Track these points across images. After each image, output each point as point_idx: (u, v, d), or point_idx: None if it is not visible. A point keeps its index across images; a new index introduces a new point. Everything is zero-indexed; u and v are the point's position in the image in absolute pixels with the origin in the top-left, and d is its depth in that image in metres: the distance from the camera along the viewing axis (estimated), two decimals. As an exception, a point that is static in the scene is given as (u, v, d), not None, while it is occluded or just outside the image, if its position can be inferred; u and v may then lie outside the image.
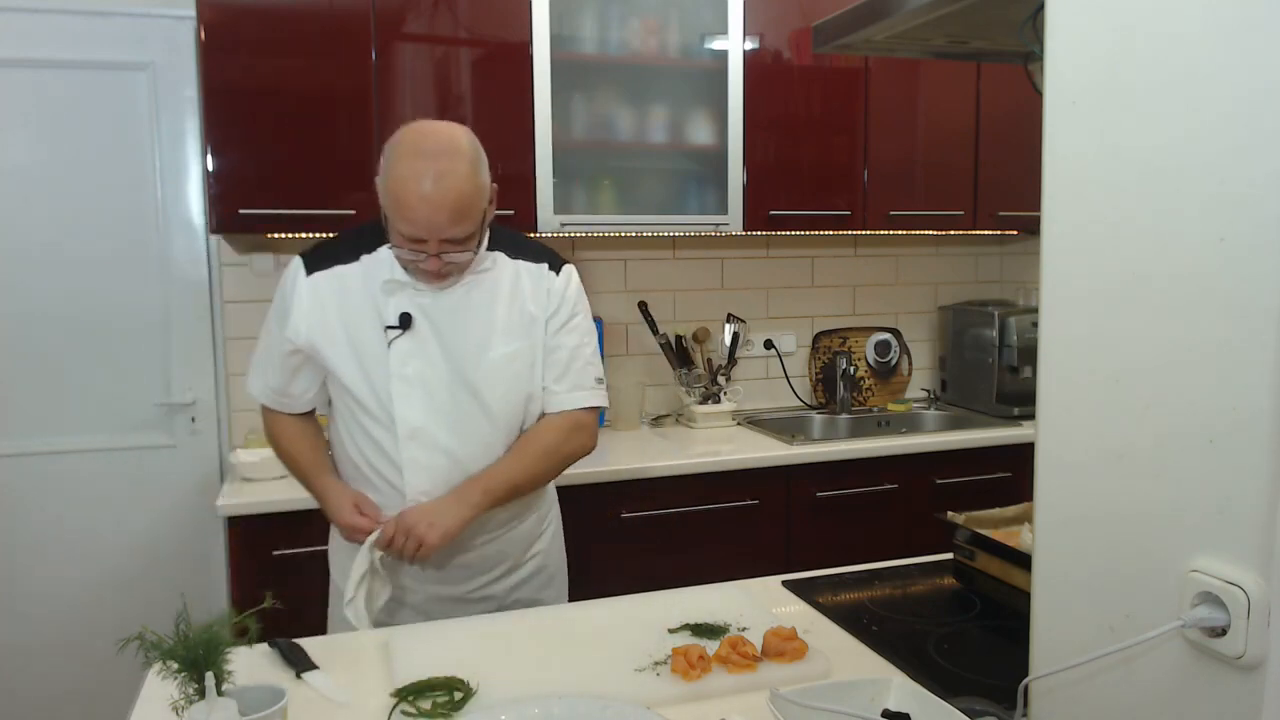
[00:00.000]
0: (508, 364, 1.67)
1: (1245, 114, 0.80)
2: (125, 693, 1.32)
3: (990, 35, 1.46)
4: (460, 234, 1.54)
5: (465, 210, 1.52)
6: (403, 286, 1.63)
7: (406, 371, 1.63)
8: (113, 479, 2.78)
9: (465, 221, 1.53)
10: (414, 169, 1.50)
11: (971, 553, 1.63)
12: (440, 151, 1.52)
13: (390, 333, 1.63)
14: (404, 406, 1.63)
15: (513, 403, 1.69)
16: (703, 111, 2.89)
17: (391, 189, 1.52)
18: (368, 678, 1.33)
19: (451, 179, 1.50)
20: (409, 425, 1.64)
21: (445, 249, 1.55)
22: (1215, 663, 0.85)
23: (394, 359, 1.63)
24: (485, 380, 1.66)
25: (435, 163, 1.50)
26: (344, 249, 1.68)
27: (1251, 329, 0.80)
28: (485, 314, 1.67)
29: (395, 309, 1.63)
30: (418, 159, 1.51)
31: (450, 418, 1.65)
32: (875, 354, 3.46)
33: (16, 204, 2.65)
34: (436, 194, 1.49)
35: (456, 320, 1.65)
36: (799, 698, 1.06)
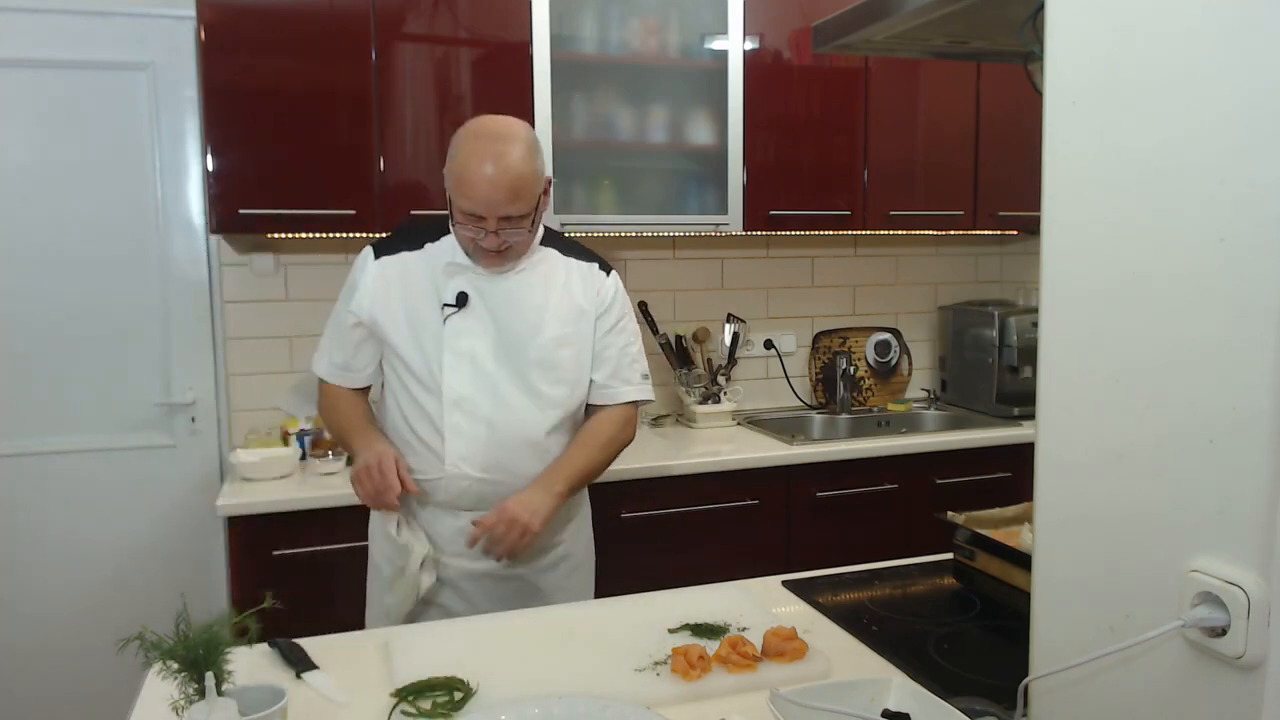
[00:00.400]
0: (557, 347, 1.79)
1: (1245, 114, 0.80)
2: (125, 693, 1.32)
3: (990, 35, 1.46)
4: (516, 212, 1.67)
5: (521, 189, 1.66)
6: (463, 269, 1.77)
7: (459, 345, 1.76)
8: (113, 479, 2.78)
9: (521, 200, 1.67)
10: (476, 150, 1.66)
11: (971, 553, 1.63)
12: (499, 136, 1.68)
13: (447, 309, 1.76)
14: (452, 376, 1.76)
15: (556, 384, 1.80)
16: (703, 111, 2.89)
17: (455, 170, 1.68)
18: (368, 678, 1.33)
19: (508, 160, 1.65)
20: (454, 394, 1.76)
21: (503, 226, 1.68)
22: (1215, 663, 0.85)
23: (448, 333, 1.76)
24: (534, 361, 1.78)
25: (494, 145, 1.66)
26: (411, 237, 1.83)
27: (1251, 329, 0.80)
28: (538, 300, 1.79)
29: (454, 289, 1.77)
30: (479, 141, 1.67)
31: (494, 391, 1.76)
32: (875, 354, 3.46)
33: (16, 204, 2.65)
34: (495, 173, 1.64)
35: (511, 303, 1.78)
36: (799, 698, 1.06)
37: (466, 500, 1.80)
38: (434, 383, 1.77)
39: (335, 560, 2.30)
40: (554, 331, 1.79)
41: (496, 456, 1.78)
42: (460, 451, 1.77)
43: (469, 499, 1.80)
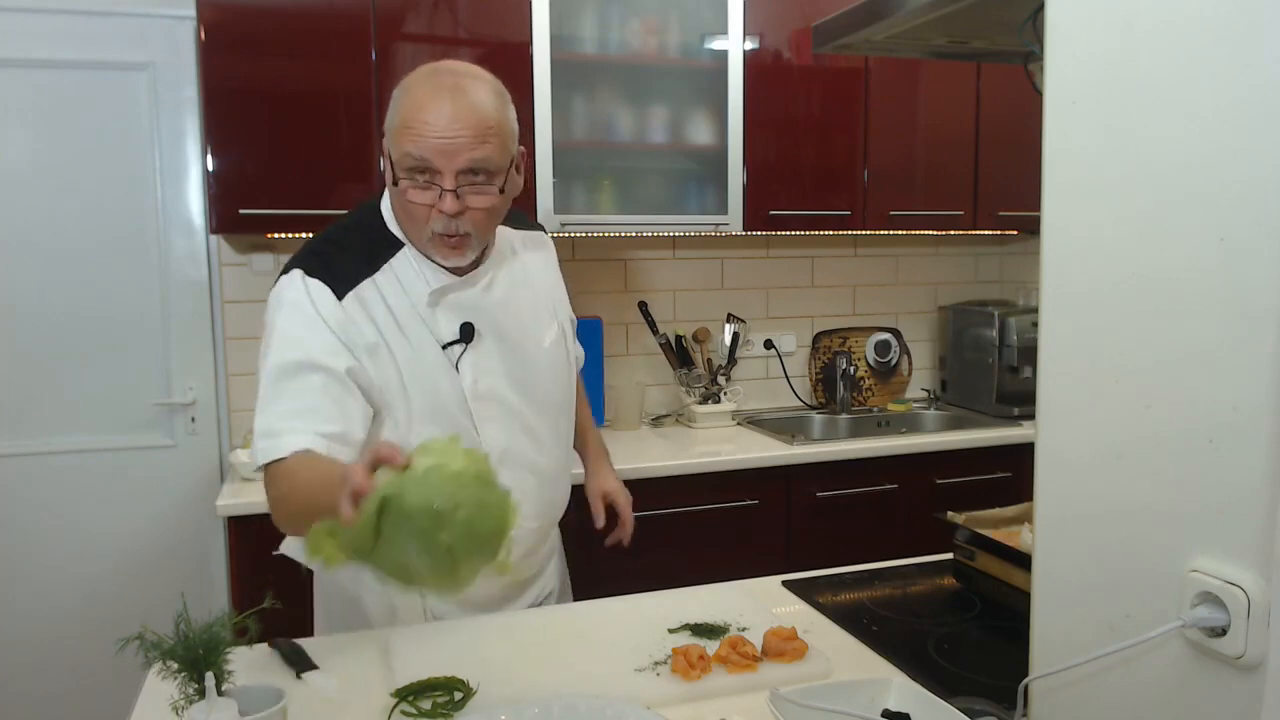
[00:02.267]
0: (556, 349, 1.57)
1: (1245, 113, 0.80)
2: (125, 693, 1.32)
3: (990, 35, 1.46)
4: (483, 160, 1.31)
5: (488, 132, 1.30)
6: (446, 291, 1.42)
7: (480, 389, 1.44)
8: (113, 479, 2.78)
9: (488, 145, 1.31)
10: (431, 85, 1.31)
11: (971, 553, 1.63)
12: (460, 71, 1.34)
13: (453, 349, 1.42)
14: (489, 429, 1.45)
15: (566, 387, 1.60)
16: (703, 111, 2.89)
17: (402, 115, 1.30)
18: (368, 678, 1.33)
19: (474, 95, 1.31)
20: (498, 449, 1.45)
21: (464, 184, 1.31)
22: (1215, 663, 0.85)
23: (465, 379, 1.43)
24: (545, 372, 1.54)
25: (454, 79, 1.32)
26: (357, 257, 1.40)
27: (1251, 329, 0.80)
28: (525, 297, 1.53)
29: (448, 321, 1.42)
30: (435, 76, 1.32)
31: (528, 430, 1.51)
32: (875, 354, 3.46)
33: (16, 204, 2.65)
34: (453, 105, 1.28)
35: (506, 316, 1.48)
36: (799, 698, 1.06)
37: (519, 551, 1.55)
38: (469, 440, 1.41)
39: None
40: (550, 333, 1.56)
41: (549, 496, 1.59)
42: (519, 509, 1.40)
43: (522, 549, 1.56)
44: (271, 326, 1.36)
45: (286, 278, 1.39)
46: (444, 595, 1.20)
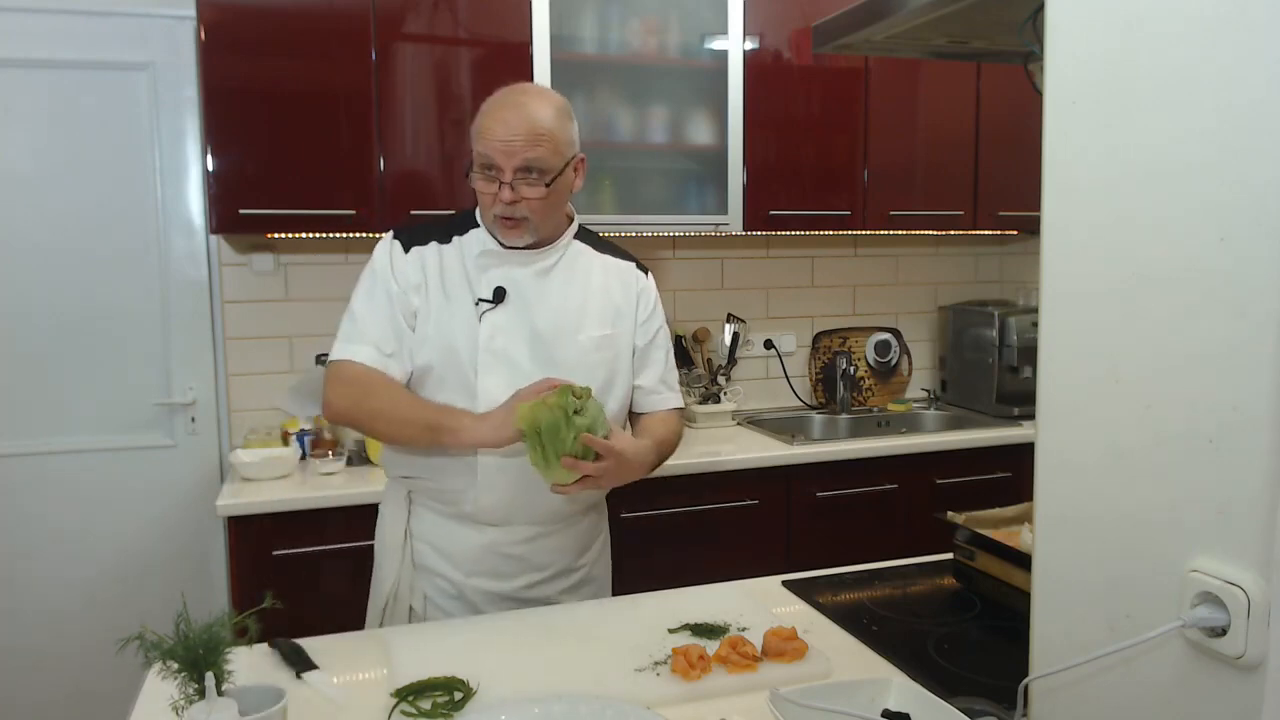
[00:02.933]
0: (597, 348, 1.69)
1: (1245, 114, 0.80)
2: (125, 693, 1.32)
3: (990, 35, 1.46)
4: (534, 160, 1.58)
5: (540, 138, 1.58)
6: (498, 260, 1.67)
7: (495, 344, 1.64)
8: (113, 479, 2.78)
9: (540, 147, 1.58)
10: (503, 99, 1.62)
11: (971, 553, 1.63)
12: (529, 90, 1.66)
13: (482, 305, 1.65)
14: (487, 379, 1.63)
15: (597, 386, 1.65)
16: (703, 111, 2.89)
17: (480, 120, 1.62)
18: (368, 678, 1.33)
19: (533, 107, 1.59)
20: (490, 399, 1.61)
21: (518, 179, 1.58)
22: (1215, 663, 0.85)
23: (483, 332, 1.64)
24: (573, 362, 1.66)
25: (522, 95, 1.62)
26: (437, 230, 1.73)
27: (1252, 329, 0.80)
28: (577, 297, 1.70)
29: (489, 283, 1.66)
30: (509, 94, 1.63)
31: None
32: (875, 354, 3.46)
33: (17, 204, 2.65)
34: (516, 117, 1.58)
35: (549, 299, 1.68)
36: (799, 698, 1.06)
37: (495, 515, 1.67)
38: (466, 387, 1.63)
39: (335, 560, 2.30)
40: (593, 331, 1.69)
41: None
42: (494, 462, 1.63)
43: (498, 514, 1.67)
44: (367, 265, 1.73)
45: (384, 238, 1.73)
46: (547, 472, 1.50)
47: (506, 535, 1.68)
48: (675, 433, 1.79)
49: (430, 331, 1.66)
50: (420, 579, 1.73)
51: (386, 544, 1.76)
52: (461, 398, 1.63)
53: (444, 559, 1.71)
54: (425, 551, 1.73)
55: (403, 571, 1.73)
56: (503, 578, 1.70)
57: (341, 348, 1.67)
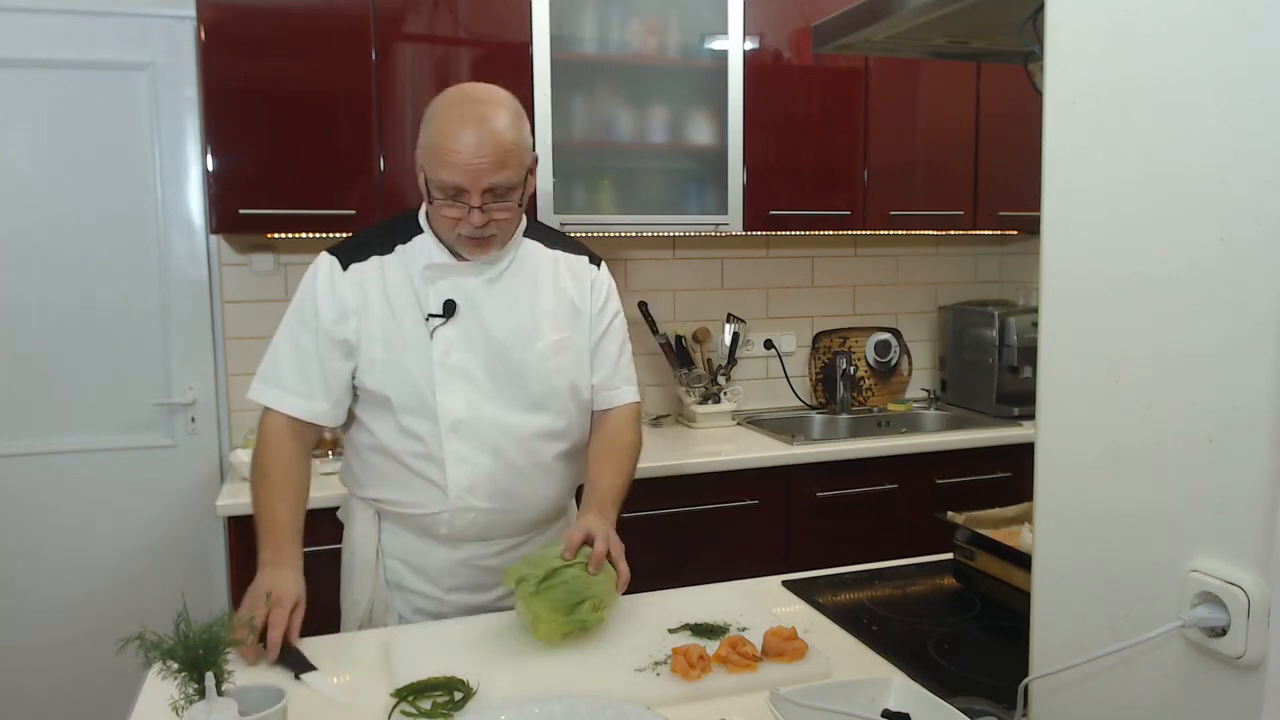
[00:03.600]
0: (555, 353, 1.64)
1: (1246, 114, 0.80)
2: (125, 693, 1.32)
3: (990, 35, 1.46)
4: (503, 182, 1.51)
5: (507, 156, 1.50)
6: (445, 272, 1.59)
7: (450, 361, 1.58)
8: (113, 479, 2.78)
9: (507, 167, 1.50)
10: (457, 115, 1.50)
11: (971, 553, 1.63)
12: (482, 100, 1.53)
13: (433, 321, 1.58)
14: (447, 398, 1.57)
15: (559, 392, 1.65)
16: (703, 111, 2.89)
17: (433, 140, 1.50)
18: (368, 678, 1.33)
19: (494, 123, 1.49)
20: (452, 417, 1.57)
21: (488, 202, 1.51)
22: (1215, 663, 0.85)
23: (436, 348, 1.57)
24: (533, 369, 1.61)
25: (478, 108, 1.50)
26: (377, 241, 1.63)
27: (1252, 329, 0.80)
28: (531, 301, 1.64)
29: (437, 296, 1.59)
30: (460, 106, 1.51)
31: (495, 410, 1.60)
32: (875, 354, 3.46)
33: (16, 204, 2.65)
34: (478, 138, 1.47)
35: (502, 307, 1.61)
36: (799, 698, 1.06)
37: (471, 532, 1.64)
38: (425, 408, 1.57)
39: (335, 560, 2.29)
40: (551, 336, 1.64)
41: (505, 483, 1.61)
42: (464, 481, 1.59)
43: (474, 531, 1.64)
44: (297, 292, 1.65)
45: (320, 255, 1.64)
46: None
47: (483, 549, 1.66)
48: (634, 427, 1.75)
49: (379, 354, 1.58)
50: (395, 597, 1.69)
51: (357, 564, 1.70)
52: (422, 419, 1.58)
53: (419, 576, 1.67)
54: (399, 569, 1.69)
55: (377, 591, 1.69)
56: (482, 590, 1.68)
57: (263, 390, 1.61)
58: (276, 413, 1.60)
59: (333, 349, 1.58)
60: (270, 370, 1.62)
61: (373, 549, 1.69)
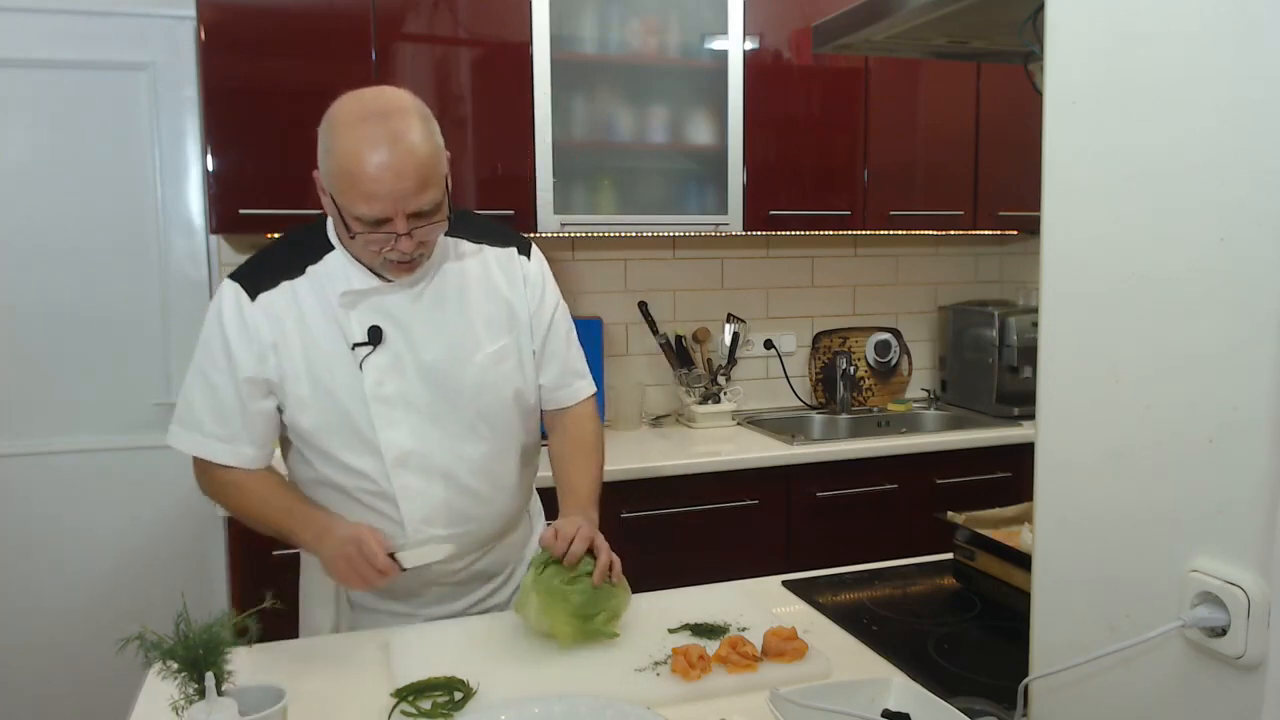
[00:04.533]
0: (496, 364, 1.53)
1: (1245, 114, 0.80)
2: (125, 693, 1.32)
3: (990, 35, 1.46)
4: (429, 203, 1.36)
5: (430, 174, 1.34)
6: (364, 296, 1.45)
7: (385, 391, 1.46)
8: (113, 479, 2.78)
9: (432, 188, 1.35)
10: (364, 136, 1.32)
11: (971, 553, 1.63)
12: (388, 112, 1.34)
13: (359, 350, 1.45)
14: (387, 430, 1.46)
15: (505, 404, 1.56)
16: (703, 111, 2.89)
17: (341, 166, 1.33)
18: (368, 678, 1.33)
19: (408, 140, 1.32)
20: (396, 451, 1.47)
21: (415, 225, 1.36)
22: (1215, 663, 0.85)
23: (369, 380, 1.45)
24: (474, 385, 1.51)
25: (386, 124, 1.32)
26: (284, 263, 1.48)
27: (1251, 329, 0.80)
28: (461, 312, 1.52)
29: (360, 323, 1.45)
30: (364, 124, 1.32)
31: (441, 435, 1.50)
32: (875, 354, 3.46)
33: (16, 203, 2.65)
34: (395, 159, 1.31)
35: (433, 324, 1.49)
36: (799, 698, 1.06)
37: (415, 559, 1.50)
38: (367, 443, 1.47)
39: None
40: (489, 347, 1.52)
41: (461, 508, 1.53)
42: (420, 514, 1.50)
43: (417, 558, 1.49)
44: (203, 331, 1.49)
45: (222, 284, 1.49)
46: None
47: (446, 567, 1.58)
48: (595, 421, 1.68)
49: (305, 391, 1.45)
50: (362, 619, 1.62)
51: (315, 590, 1.64)
52: (365, 456, 1.48)
53: (385, 597, 1.60)
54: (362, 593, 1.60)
55: (340, 614, 1.62)
56: (453, 600, 1.64)
57: (181, 435, 1.49)
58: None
59: (251, 390, 1.45)
60: (186, 414, 1.49)
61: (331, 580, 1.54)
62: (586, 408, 1.69)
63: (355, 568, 1.35)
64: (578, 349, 1.69)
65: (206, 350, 1.47)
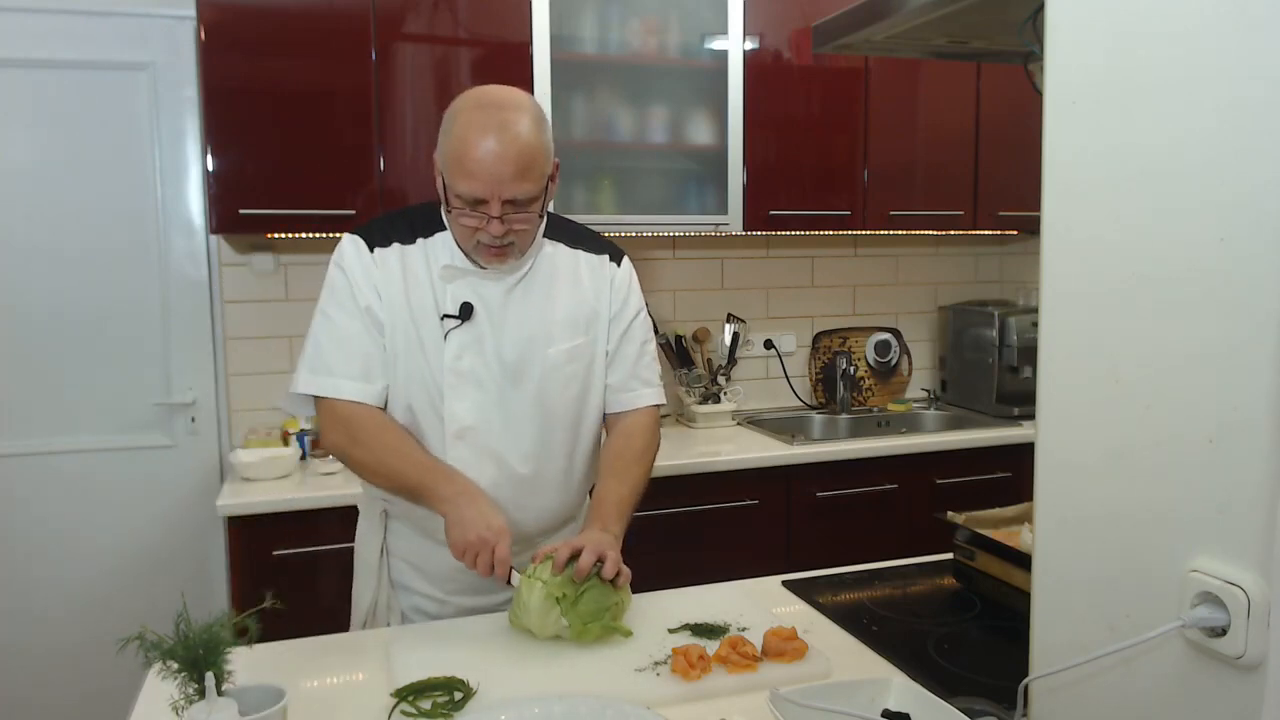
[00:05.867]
0: (569, 361, 1.60)
1: (1245, 114, 0.80)
2: (125, 693, 1.32)
3: (990, 35, 1.46)
4: (524, 193, 1.45)
5: (530, 165, 1.44)
6: (462, 273, 1.55)
7: (461, 365, 1.54)
8: (113, 479, 2.78)
9: (529, 178, 1.45)
10: (477, 121, 1.44)
11: (971, 553, 1.63)
12: (503, 104, 1.46)
13: (447, 322, 1.54)
14: (455, 402, 1.54)
15: (570, 401, 1.61)
16: (703, 111, 2.89)
17: (453, 147, 1.45)
18: (368, 678, 1.33)
19: (515, 129, 1.43)
20: (459, 424, 1.54)
21: (508, 212, 1.46)
22: (1215, 663, 0.85)
23: (449, 351, 1.53)
24: (545, 377, 1.58)
25: (499, 114, 1.44)
26: (401, 228, 1.58)
27: (1251, 329, 0.80)
28: (546, 305, 1.59)
29: (454, 298, 1.54)
30: (480, 111, 1.45)
31: (502, 418, 1.56)
32: (875, 354, 3.46)
33: (16, 204, 2.65)
34: (500, 145, 1.42)
35: (518, 314, 1.57)
36: (799, 698, 1.06)
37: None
38: (432, 411, 1.54)
39: (335, 560, 2.30)
40: (563, 344, 1.59)
41: (508, 493, 1.57)
42: None
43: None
44: (327, 277, 1.59)
45: (342, 240, 1.59)
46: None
47: None
48: (649, 433, 1.68)
49: (398, 344, 1.54)
50: (398, 596, 1.67)
51: (364, 560, 1.70)
52: (429, 421, 1.55)
53: (422, 577, 1.65)
54: (403, 569, 1.67)
55: (380, 589, 1.67)
56: (484, 593, 1.65)
57: (313, 380, 1.54)
58: (334, 400, 1.53)
59: (373, 322, 1.54)
60: (315, 359, 1.55)
61: (377, 548, 1.67)
62: (645, 417, 1.69)
63: (479, 549, 1.39)
64: (651, 358, 1.73)
65: (330, 292, 1.56)
